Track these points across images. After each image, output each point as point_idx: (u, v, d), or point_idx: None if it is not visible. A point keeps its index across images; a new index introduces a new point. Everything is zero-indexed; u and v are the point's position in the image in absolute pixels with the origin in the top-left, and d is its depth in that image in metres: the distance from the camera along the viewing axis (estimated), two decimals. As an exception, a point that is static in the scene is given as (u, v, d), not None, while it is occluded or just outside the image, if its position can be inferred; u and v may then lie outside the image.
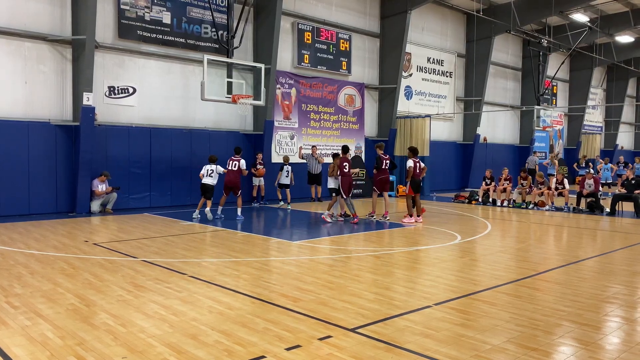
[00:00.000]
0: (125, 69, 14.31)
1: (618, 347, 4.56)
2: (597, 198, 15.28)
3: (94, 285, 6.37)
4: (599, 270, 7.63)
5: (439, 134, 23.22)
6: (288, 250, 9.07)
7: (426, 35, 22.39)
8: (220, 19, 15.75)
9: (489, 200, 17.44)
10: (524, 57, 27.30)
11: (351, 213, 12.43)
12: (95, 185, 13.34)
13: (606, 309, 5.65)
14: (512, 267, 7.85)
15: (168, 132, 15.05)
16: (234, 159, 12.67)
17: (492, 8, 22.94)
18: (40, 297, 5.79)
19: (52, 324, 4.93)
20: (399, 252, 8.78)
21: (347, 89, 19.57)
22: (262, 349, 4.36)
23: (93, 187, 13.32)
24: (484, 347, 4.45)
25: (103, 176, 13.40)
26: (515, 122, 28.11)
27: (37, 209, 12.89)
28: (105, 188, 13.46)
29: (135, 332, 4.73)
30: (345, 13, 19.37)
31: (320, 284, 6.51)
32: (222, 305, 5.60)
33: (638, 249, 9.45)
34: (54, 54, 13.17)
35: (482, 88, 23.99)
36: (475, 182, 22.43)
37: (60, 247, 8.75)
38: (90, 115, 12.97)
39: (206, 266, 7.52)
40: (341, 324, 4.99)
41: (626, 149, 36.62)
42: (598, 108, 34.35)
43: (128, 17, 14.14)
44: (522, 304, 5.76)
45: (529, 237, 10.81)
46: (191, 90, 15.39)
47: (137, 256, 8.12)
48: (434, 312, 5.44)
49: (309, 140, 18.29)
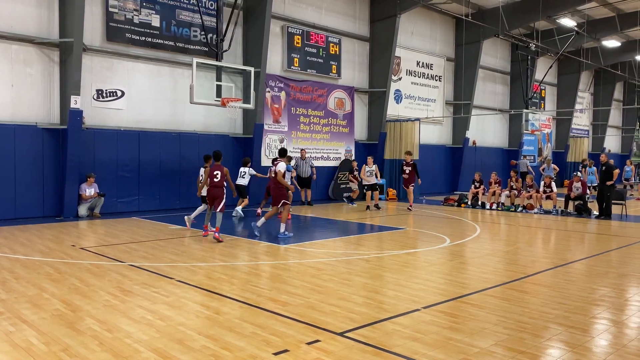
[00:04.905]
0: (114, 72, 14.22)
1: (605, 350, 4.58)
2: (585, 201, 15.40)
3: (80, 290, 6.30)
4: (586, 273, 7.68)
5: (429, 137, 23.30)
6: (277, 254, 9.03)
7: (415, 39, 22.48)
8: (209, 22, 15.71)
9: (478, 203, 17.51)
10: (512, 61, 27.50)
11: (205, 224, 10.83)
12: (82, 189, 13.23)
13: (593, 312, 5.68)
14: (500, 270, 7.88)
15: (157, 135, 14.96)
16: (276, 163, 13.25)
17: (481, 12, 23.10)
18: (25, 303, 5.71)
19: (37, 329, 4.86)
20: (388, 256, 8.77)
21: (337, 93, 19.58)
22: (250, 353, 4.32)
23: (81, 192, 13.21)
24: (472, 350, 4.45)
25: (90, 179, 13.29)
26: (504, 125, 28.29)
27: (23, 213, 12.74)
28: (93, 192, 13.34)
29: (121, 337, 4.68)
30: (335, 17, 19.41)
31: (309, 288, 6.48)
32: (210, 309, 5.56)
33: (625, 251, 9.53)
34: (41, 56, 13.05)
35: (471, 92, 24.13)
36: (465, 185, 22.54)
37: (47, 252, 8.65)
38: (78, 118, 12.86)
39: (194, 270, 7.47)
40: (329, 328, 4.97)
41: (613, 152, 36.97)
42: (586, 112, 34.67)
43: (116, 20, 14.05)
44: (510, 306, 5.77)
45: (517, 240, 10.86)
46: (180, 94, 15.32)
47: (124, 260, 8.05)
48: (422, 315, 5.43)
49: (299, 144, 18.26)
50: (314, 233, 11.96)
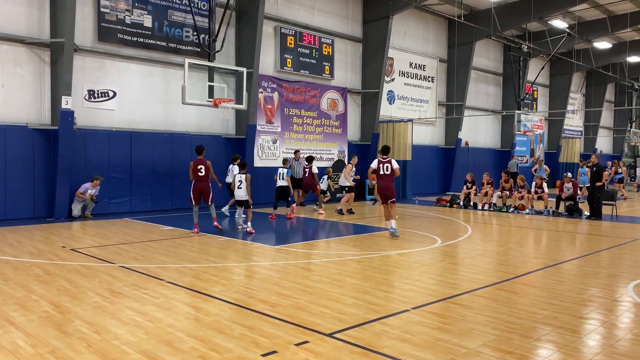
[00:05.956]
0: (106, 73, 14.16)
1: (593, 350, 4.61)
2: (576, 202, 15.49)
3: (69, 291, 6.27)
4: (576, 273, 7.72)
5: (421, 138, 23.36)
6: (267, 255, 9.02)
7: (408, 40, 22.54)
8: (201, 23, 15.68)
9: (470, 204, 17.57)
10: (504, 62, 27.62)
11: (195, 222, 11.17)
12: (84, 189, 13.10)
13: (582, 312, 5.71)
14: (491, 270, 7.91)
15: (149, 136, 14.91)
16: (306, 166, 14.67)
17: (473, 14, 23.20)
18: (13, 305, 5.68)
19: (24, 332, 4.83)
20: (379, 256, 8.79)
21: (330, 93, 19.60)
22: (238, 355, 4.32)
23: (81, 190, 13.07)
24: (460, 350, 4.47)
25: (96, 181, 13.20)
26: (496, 126, 28.40)
27: (13, 214, 12.66)
28: (93, 193, 13.23)
29: (109, 339, 4.66)
30: (328, 18, 19.42)
31: (299, 289, 6.48)
32: (199, 311, 5.54)
33: (615, 252, 9.59)
34: (32, 56, 12.98)
35: (464, 93, 24.22)
36: (457, 186, 22.60)
37: (36, 253, 8.60)
38: (69, 119, 12.80)
39: (184, 272, 7.45)
40: (318, 329, 4.97)
41: (605, 152, 37.20)
42: (577, 113, 34.87)
43: (108, 20, 14.00)
44: (499, 307, 5.79)
45: (508, 241, 10.90)
46: (172, 94, 15.28)
47: (114, 262, 8.01)
48: (411, 316, 5.45)
49: (292, 145, 18.26)
50: (305, 234, 11.96)
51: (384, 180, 10.73)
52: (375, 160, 10.94)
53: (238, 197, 11.30)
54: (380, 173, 10.72)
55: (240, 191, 11.17)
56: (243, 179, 11.14)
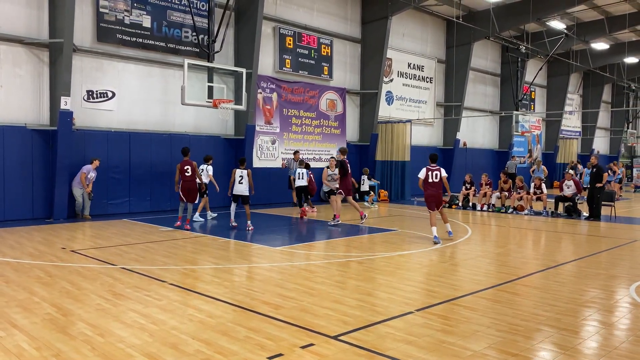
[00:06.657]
0: (104, 73, 14.12)
1: (596, 352, 4.62)
2: (575, 202, 15.52)
3: (72, 293, 6.24)
4: (577, 275, 7.74)
5: (420, 138, 23.38)
6: (269, 256, 9.01)
7: (407, 41, 22.55)
8: (200, 23, 15.66)
9: (469, 205, 17.59)
10: (502, 63, 27.70)
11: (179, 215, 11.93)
12: (86, 170, 13.02)
13: (584, 314, 5.73)
14: (492, 272, 7.92)
15: (147, 136, 14.88)
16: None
17: (472, 15, 23.23)
18: (15, 307, 5.65)
19: (28, 334, 4.81)
20: (380, 258, 8.79)
21: (329, 94, 19.60)
22: (244, 357, 4.31)
23: (84, 171, 12.99)
24: (465, 353, 4.47)
25: (96, 161, 13.22)
26: (494, 127, 28.46)
27: (12, 215, 12.61)
28: (94, 176, 13.24)
29: (113, 341, 4.65)
30: (327, 18, 19.42)
31: (302, 291, 6.48)
32: (203, 313, 5.53)
33: (615, 253, 9.62)
34: (31, 57, 12.93)
35: (462, 93, 24.26)
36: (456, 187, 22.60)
37: (37, 255, 8.57)
38: (68, 119, 12.76)
39: (186, 273, 7.44)
40: (323, 331, 4.97)
41: (602, 153, 37.32)
42: (575, 113, 34.97)
43: (107, 20, 13.96)
44: (502, 309, 5.80)
45: (508, 242, 10.92)
46: (171, 95, 15.25)
47: (115, 263, 7.99)
48: (415, 318, 5.45)
49: (291, 145, 18.25)
50: (306, 235, 11.96)
51: (434, 187, 10.72)
52: (424, 169, 10.85)
53: (238, 192, 11.75)
54: (429, 181, 10.71)
55: (242, 186, 11.68)
56: (244, 174, 11.67)
